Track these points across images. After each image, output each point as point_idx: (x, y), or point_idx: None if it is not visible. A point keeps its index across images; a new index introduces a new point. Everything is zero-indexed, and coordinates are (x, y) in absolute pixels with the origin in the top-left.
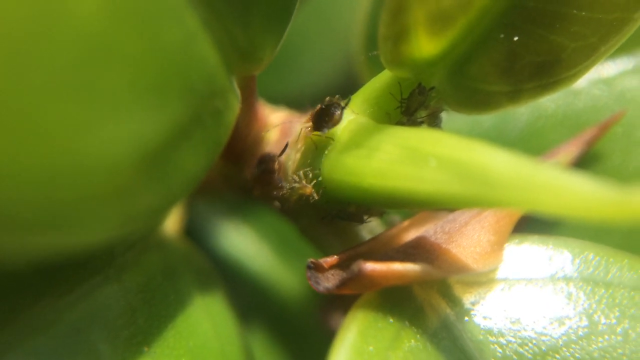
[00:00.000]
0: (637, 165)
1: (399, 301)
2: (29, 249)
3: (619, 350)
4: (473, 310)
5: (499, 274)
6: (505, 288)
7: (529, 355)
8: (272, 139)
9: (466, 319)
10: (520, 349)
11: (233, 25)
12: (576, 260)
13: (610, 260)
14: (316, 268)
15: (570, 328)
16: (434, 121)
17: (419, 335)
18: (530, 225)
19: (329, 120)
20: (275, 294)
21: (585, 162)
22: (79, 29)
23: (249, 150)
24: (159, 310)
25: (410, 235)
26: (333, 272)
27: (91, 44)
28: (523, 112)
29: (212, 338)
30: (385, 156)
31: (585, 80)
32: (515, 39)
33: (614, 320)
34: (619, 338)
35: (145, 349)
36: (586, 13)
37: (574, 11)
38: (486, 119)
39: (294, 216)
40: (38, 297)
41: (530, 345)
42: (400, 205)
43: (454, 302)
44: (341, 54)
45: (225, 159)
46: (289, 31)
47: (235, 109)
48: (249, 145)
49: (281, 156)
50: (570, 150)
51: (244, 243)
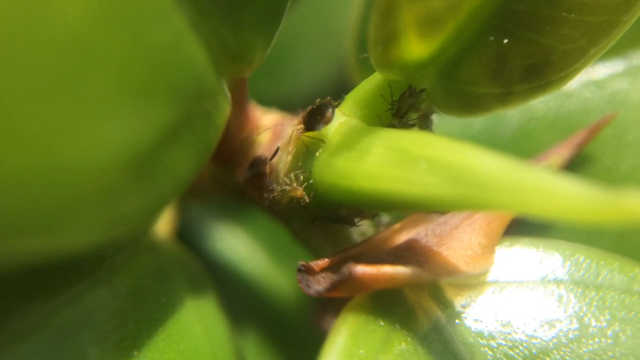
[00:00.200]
0: (628, 168)
1: (390, 304)
2: (16, 253)
3: (609, 353)
4: (464, 312)
5: (490, 277)
6: (496, 291)
7: (520, 358)
8: (264, 141)
9: (457, 321)
10: (511, 352)
11: (222, 27)
12: (567, 263)
13: (601, 262)
14: (307, 271)
15: (560, 331)
16: (424, 123)
17: (409, 338)
18: (522, 227)
19: (320, 119)
20: (268, 296)
21: (576, 165)
22: (65, 31)
23: (241, 153)
24: (149, 313)
25: (402, 237)
26: (324, 275)
27: (77, 46)
28: (514, 115)
29: (204, 341)
30: (375, 159)
31: (576, 83)
32: (505, 41)
33: (604, 323)
34: (610, 341)
35: (135, 352)
36: (575, 16)
37: (563, 14)
38: (477, 122)
39: (285, 218)
40: (26, 301)
41: (520, 348)
42: (391, 208)
43: (445, 305)
44: (335, 56)
45: (216, 161)
46: (282, 32)
47: (225, 111)
48: (241, 147)
49: (273, 159)
50: (562, 152)
51: (237, 245)
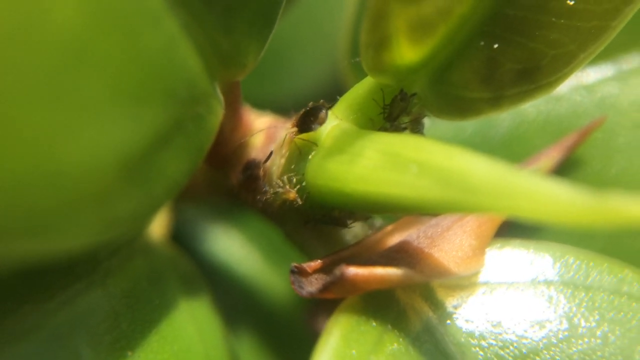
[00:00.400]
0: (617, 171)
1: (382, 305)
2: (11, 255)
3: (599, 353)
4: (455, 313)
5: (481, 278)
6: (487, 292)
7: (510, 358)
8: (257, 144)
9: (448, 322)
10: (502, 352)
11: (215, 31)
12: (557, 264)
13: (591, 264)
14: (300, 272)
15: (550, 331)
16: (416, 127)
17: (401, 339)
18: (513, 229)
19: (314, 120)
20: (262, 297)
21: (566, 168)
22: (57, 34)
23: (234, 155)
24: (143, 314)
25: (394, 239)
26: (317, 277)
27: (69, 49)
28: (505, 118)
29: (197, 342)
30: (367, 162)
31: (567, 87)
32: (496, 46)
33: (593, 324)
34: (599, 341)
35: (129, 353)
36: (565, 21)
37: (553, 19)
38: (469, 125)
39: (279, 221)
40: (20, 303)
41: (511, 348)
42: (383, 210)
43: (436, 306)
44: (329, 59)
45: (210, 164)
46: (275, 35)
47: (218, 114)
48: (234, 150)
49: (266, 162)
50: (552, 155)
51: (231, 247)
